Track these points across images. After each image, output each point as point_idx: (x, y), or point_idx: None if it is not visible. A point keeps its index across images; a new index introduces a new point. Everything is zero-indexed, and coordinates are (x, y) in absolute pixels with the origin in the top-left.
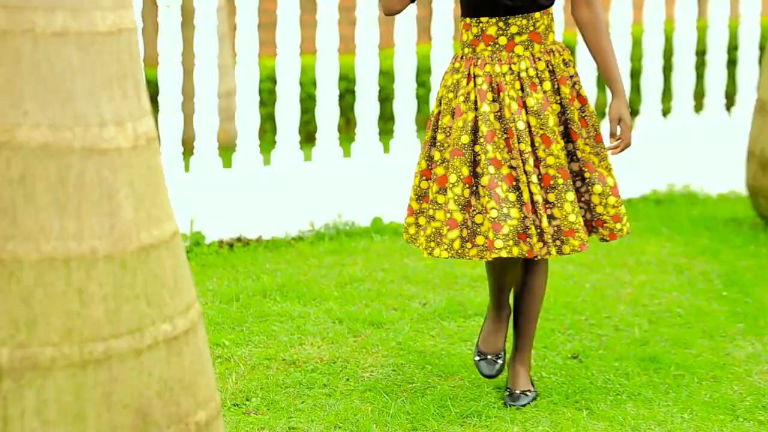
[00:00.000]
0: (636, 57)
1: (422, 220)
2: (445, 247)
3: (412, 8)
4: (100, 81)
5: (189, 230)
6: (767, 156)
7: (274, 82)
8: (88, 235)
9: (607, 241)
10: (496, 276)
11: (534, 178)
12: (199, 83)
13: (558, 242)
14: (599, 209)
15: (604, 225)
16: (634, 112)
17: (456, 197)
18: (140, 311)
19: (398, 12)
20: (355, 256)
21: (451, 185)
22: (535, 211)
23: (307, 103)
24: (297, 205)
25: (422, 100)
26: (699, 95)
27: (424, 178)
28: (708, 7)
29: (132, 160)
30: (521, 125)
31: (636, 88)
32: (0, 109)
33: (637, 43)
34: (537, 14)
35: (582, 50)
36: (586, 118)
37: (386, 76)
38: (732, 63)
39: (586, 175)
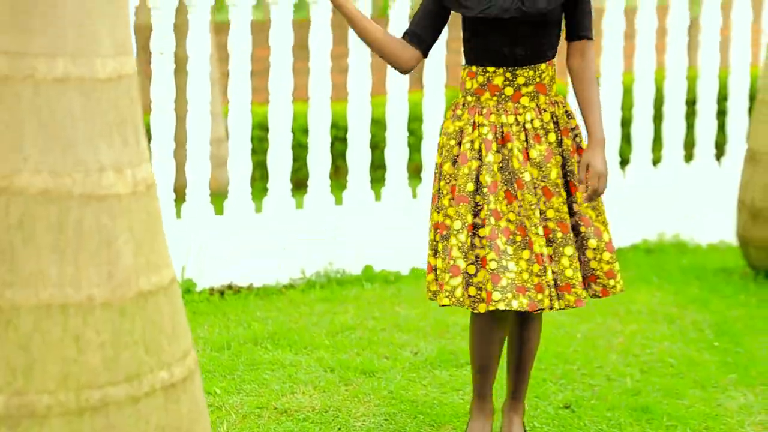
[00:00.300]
0: (627, 106)
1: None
2: (446, 294)
3: None
4: (100, 127)
5: (180, 277)
6: (757, 206)
7: (264, 129)
8: (86, 282)
9: (599, 297)
10: (484, 341)
11: (540, 230)
12: (192, 130)
13: (554, 297)
14: (593, 264)
15: (597, 281)
16: (624, 161)
17: (460, 244)
18: (138, 358)
19: (413, 68)
20: (346, 304)
21: (455, 232)
22: (541, 264)
23: (297, 150)
24: (288, 253)
25: (413, 148)
26: (689, 145)
27: (437, 230)
28: (698, 56)
29: (131, 206)
30: (527, 177)
31: (626, 137)
32: (0, 154)
33: (627, 92)
34: (543, 65)
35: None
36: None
37: (377, 124)
38: (722, 113)
39: (582, 229)
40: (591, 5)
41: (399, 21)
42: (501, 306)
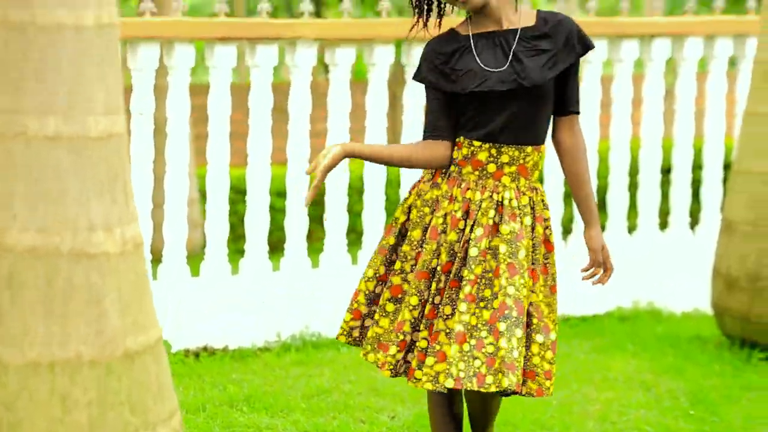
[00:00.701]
0: (602, 174)
1: (368, 322)
2: (389, 366)
3: (383, 122)
4: (90, 185)
5: None
6: (733, 275)
7: (236, 191)
8: (74, 340)
9: (533, 396)
10: (438, 416)
11: (462, 306)
12: (170, 191)
13: (499, 374)
14: (535, 360)
15: (536, 378)
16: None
17: (412, 320)
18: (124, 419)
19: (449, 159)
20: (322, 367)
21: (411, 307)
22: (449, 342)
23: (271, 213)
24: (264, 315)
25: (390, 212)
26: (664, 213)
27: (379, 282)
28: (674, 126)
29: (120, 265)
30: (474, 252)
31: (602, 205)
32: None
33: (603, 160)
34: (529, 148)
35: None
36: (548, 265)
37: (352, 189)
38: (696, 182)
39: (534, 320)
40: (578, 78)
41: (378, 84)
42: (428, 386)
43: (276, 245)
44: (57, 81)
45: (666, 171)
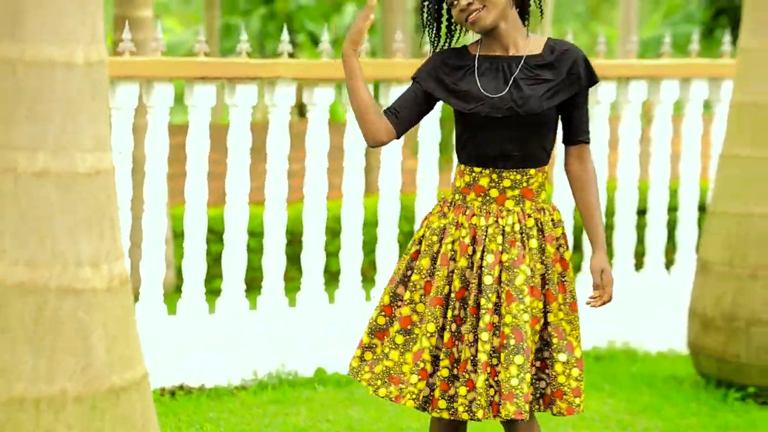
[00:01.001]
0: (576, 215)
1: (368, 356)
2: (412, 396)
3: (361, 161)
4: (78, 221)
5: None
6: (709, 315)
7: (210, 231)
8: (60, 376)
9: (563, 415)
10: None
11: (484, 336)
12: (148, 230)
13: (495, 405)
14: (561, 379)
15: (563, 397)
16: (575, 269)
17: (431, 347)
18: None
19: (384, 143)
20: (298, 406)
21: (429, 334)
22: (475, 371)
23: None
24: (240, 354)
25: (367, 250)
26: (640, 254)
27: (383, 314)
28: (649, 168)
29: (106, 301)
30: (488, 280)
31: (577, 246)
32: None
33: None
34: (532, 170)
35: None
36: (565, 283)
37: (327, 229)
38: (672, 223)
39: (554, 341)
40: (587, 108)
41: (355, 124)
42: (464, 416)
43: (250, 284)
44: (48, 118)
45: (642, 212)
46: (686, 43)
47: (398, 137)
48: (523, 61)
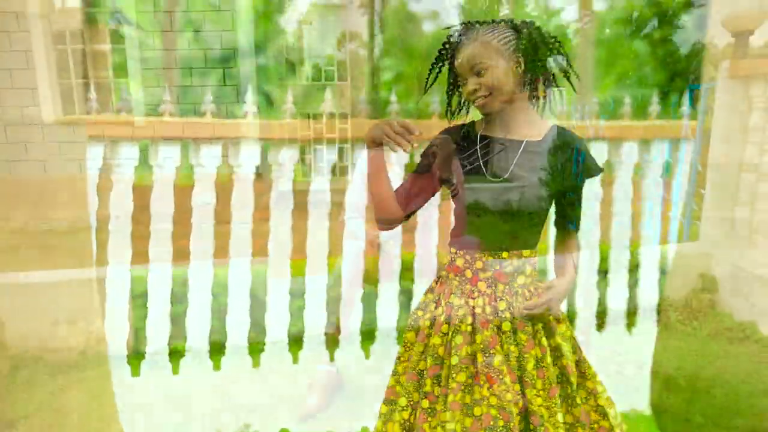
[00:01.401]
0: None
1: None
2: None
3: (321, 225)
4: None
5: None
6: (671, 375)
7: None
8: None
9: None
10: None
11: (447, 416)
12: (111, 291)
13: None
14: None
15: None
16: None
17: (402, 421)
18: None
19: (393, 225)
20: None
21: (401, 408)
22: None
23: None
24: (203, 415)
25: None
26: (601, 314)
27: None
28: (610, 229)
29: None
30: (455, 360)
31: None
32: None
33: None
34: (505, 254)
35: None
36: (543, 368)
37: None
38: (633, 283)
39: (531, 427)
40: (581, 198)
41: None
42: None
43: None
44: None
45: (603, 273)
46: (643, 105)
47: (406, 221)
48: (522, 146)
